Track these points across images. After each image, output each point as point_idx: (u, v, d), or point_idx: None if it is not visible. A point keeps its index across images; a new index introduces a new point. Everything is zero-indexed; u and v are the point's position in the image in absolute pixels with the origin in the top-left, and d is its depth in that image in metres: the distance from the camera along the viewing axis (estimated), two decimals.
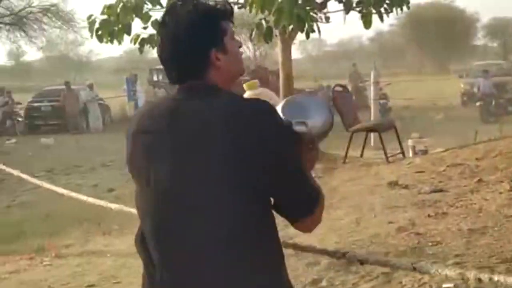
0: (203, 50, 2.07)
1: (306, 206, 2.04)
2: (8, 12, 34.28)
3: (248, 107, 2.01)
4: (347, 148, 9.52)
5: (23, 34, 34.81)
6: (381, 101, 21.79)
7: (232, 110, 1.99)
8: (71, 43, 62.83)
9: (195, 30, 2.05)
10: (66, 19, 33.66)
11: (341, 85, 10.82)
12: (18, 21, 33.29)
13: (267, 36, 9.01)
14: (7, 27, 34.32)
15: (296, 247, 4.30)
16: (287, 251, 5.56)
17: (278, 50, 10.25)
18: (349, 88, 25.93)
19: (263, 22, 8.91)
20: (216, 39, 2.08)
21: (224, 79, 2.10)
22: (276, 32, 9.37)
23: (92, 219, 7.83)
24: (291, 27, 8.69)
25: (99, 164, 14.05)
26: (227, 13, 2.13)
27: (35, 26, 34.53)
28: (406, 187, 7.50)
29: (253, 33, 9.26)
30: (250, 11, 8.75)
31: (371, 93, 13.82)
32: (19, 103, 24.31)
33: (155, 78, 27.30)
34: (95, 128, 22.54)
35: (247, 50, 65.58)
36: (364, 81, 24.02)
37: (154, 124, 2.07)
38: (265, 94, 2.85)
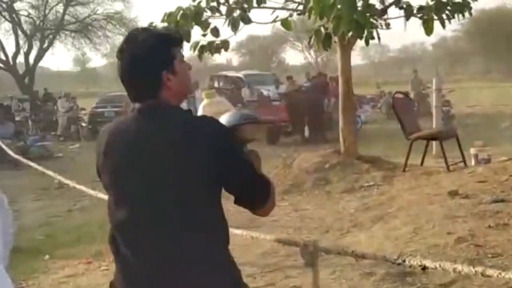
0: (155, 72, 2.45)
1: (261, 198, 2.52)
2: (74, 20, 35.09)
3: (200, 126, 2.40)
4: (407, 156, 9.36)
5: (87, 41, 35.54)
6: (444, 108, 21.42)
7: (185, 129, 2.37)
8: None
9: (149, 55, 2.44)
10: (129, 26, 34.20)
11: (401, 92, 10.68)
12: (83, 28, 34.07)
13: (326, 42, 8.95)
14: (73, 34, 35.12)
15: (355, 255, 4.25)
16: (344, 260, 5.53)
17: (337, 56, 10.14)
18: (411, 95, 25.65)
19: (322, 28, 8.85)
20: (167, 63, 2.46)
21: (175, 97, 2.49)
22: (335, 38, 9.30)
23: None
24: (350, 33, 8.60)
25: None
26: (178, 41, 2.54)
27: (99, 33, 35.28)
28: (466, 196, 7.33)
29: (312, 39, 9.20)
30: (309, 18, 8.69)
31: (433, 100, 13.56)
32: (83, 109, 24.79)
33: (215, 85, 27.45)
34: None
35: (309, 56, 65.72)
36: (427, 87, 23.63)
37: (120, 142, 2.45)
38: (222, 102, 3.12)
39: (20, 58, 34.92)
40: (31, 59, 34.38)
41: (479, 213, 6.56)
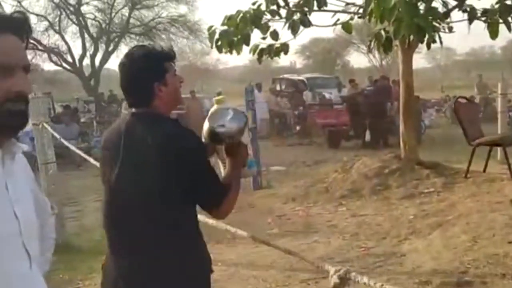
0: (148, 83, 2.86)
1: (214, 200, 2.85)
2: (139, 23, 35.60)
3: (172, 136, 2.77)
4: (469, 163, 9.14)
5: (152, 43, 35.96)
6: (511, 113, 20.95)
7: (163, 137, 2.76)
8: (199, 52, 64.39)
9: (143, 69, 2.86)
10: (192, 29, 34.53)
11: (465, 97, 10.45)
12: (148, 32, 34.48)
13: (386, 46, 8.83)
14: (137, 37, 35.61)
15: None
16: (399, 268, 5.41)
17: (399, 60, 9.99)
18: (477, 99, 25.12)
19: (382, 32, 8.73)
20: (159, 76, 2.87)
21: (166, 106, 2.90)
22: (396, 42, 9.16)
23: (205, 227, 7.90)
24: (411, 37, 8.46)
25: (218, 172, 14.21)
26: (170, 56, 2.95)
27: (163, 36, 35.63)
28: None
29: (372, 43, 9.09)
30: (369, 21, 8.58)
31: (499, 105, 13.25)
32: None
33: (277, 88, 27.46)
34: None
35: (373, 59, 65.10)
36: (493, 92, 23.11)
37: (112, 141, 2.90)
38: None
39: (87, 61, 35.65)
40: (97, 61, 35.05)
41: None
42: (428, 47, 8.84)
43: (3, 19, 1.82)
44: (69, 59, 35.18)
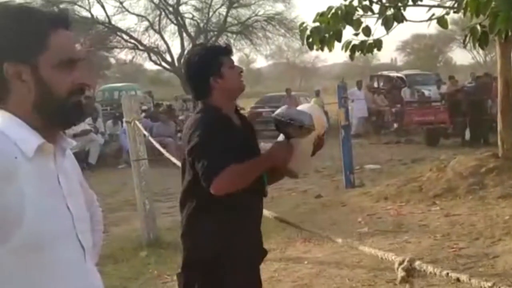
0: (203, 77, 3.21)
1: (204, 174, 3.06)
2: (236, 22, 35.90)
3: (193, 120, 3.26)
4: None
5: (248, 42, 36.15)
6: None
7: (188, 123, 3.29)
8: (297, 50, 64.41)
9: (199, 63, 3.23)
10: (289, 27, 34.51)
11: None
12: (244, 30, 34.71)
13: (482, 41, 8.51)
14: (234, 35, 35.92)
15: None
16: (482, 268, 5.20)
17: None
18: None
19: (478, 26, 8.43)
20: (213, 70, 3.20)
21: (225, 96, 3.25)
22: (494, 37, 8.84)
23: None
24: (509, 32, 8.14)
25: (313, 170, 14.10)
26: (225, 50, 3.30)
27: (260, 34, 35.76)
28: None
29: (467, 38, 8.80)
30: (464, 15, 8.32)
31: None
32: (242, 109, 25.28)
33: (375, 85, 27.09)
34: None
35: (477, 55, 63.32)
36: None
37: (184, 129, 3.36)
38: (314, 110, 3.47)
39: None
40: None
41: None
42: None
43: (56, 15, 1.84)
44: (168, 58, 35.89)
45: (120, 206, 10.93)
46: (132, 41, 35.72)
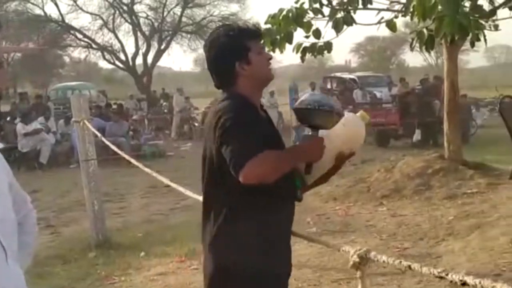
0: (229, 63, 2.85)
1: (234, 161, 2.67)
2: (190, 21, 35.81)
3: (219, 110, 2.82)
4: None
5: (203, 42, 36.10)
6: None
7: (214, 113, 2.85)
8: None
9: (223, 48, 2.85)
10: None
11: (510, 97, 10.26)
12: (199, 30, 34.65)
13: (428, 44, 8.69)
14: (189, 35, 35.86)
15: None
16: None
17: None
18: None
19: (425, 30, 8.61)
20: (239, 54, 2.84)
21: (253, 84, 2.88)
22: (441, 40, 9.04)
23: None
24: (454, 35, 8.33)
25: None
26: (253, 33, 2.90)
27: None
28: None
29: (414, 41, 8.98)
30: (411, 19, 8.49)
31: None
32: (196, 108, 25.26)
33: (328, 86, 27.34)
34: None
35: (429, 58, 64.16)
36: None
37: (207, 121, 2.96)
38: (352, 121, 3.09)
39: (139, 59, 36.02)
40: (149, 59, 35.41)
41: None
42: (472, 45, 8.71)
43: None
44: (123, 57, 35.65)
45: (71, 206, 10.85)
46: (86, 39, 35.37)
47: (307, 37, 9.64)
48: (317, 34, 9.47)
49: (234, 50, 2.83)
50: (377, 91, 23.98)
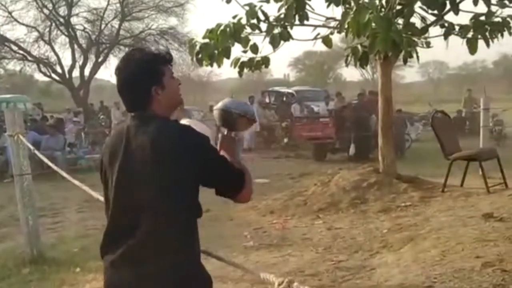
0: (145, 87, 2.85)
1: (236, 186, 2.86)
2: (128, 34, 35.64)
3: (182, 131, 2.79)
4: (446, 177, 9.22)
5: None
6: (496, 128, 21.04)
7: (172, 134, 2.77)
8: (192, 64, 64.33)
9: (140, 72, 2.85)
10: (182, 41, 34.53)
11: (442, 112, 10.53)
12: (137, 43, 34.50)
13: (363, 60, 8.89)
14: (127, 48, 35.64)
15: None
16: (369, 282, 5.42)
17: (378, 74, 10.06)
18: (463, 113, 25.20)
19: (359, 46, 8.79)
20: (156, 79, 2.86)
21: (165, 108, 2.87)
22: (375, 56, 9.24)
23: None
24: (387, 52, 8.53)
25: None
26: (167, 59, 2.93)
27: (153, 48, 35.59)
28: (501, 219, 7.19)
29: (349, 57, 9.16)
30: (346, 36, 8.65)
31: (481, 120, 13.30)
32: None
33: (266, 100, 27.54)
34: None
35: (366, 73, 65.24)
36: (478, 107, 23.19)
37: (115, 143, 2.88)
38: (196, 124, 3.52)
39: (76, 72, 35.62)
40: (87, 72, 35.07)
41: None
42: (405, 62, 8.93)
43: None
44: (59, 70, 35.16)
45: (5, 221, 10.64)
46: (21, 51, 34.79)
47: (245, 51, 9.72)
48: (255, 49, 9.56)
49: (150, 75, 2.85)
50: (314, 105, 24.25)
